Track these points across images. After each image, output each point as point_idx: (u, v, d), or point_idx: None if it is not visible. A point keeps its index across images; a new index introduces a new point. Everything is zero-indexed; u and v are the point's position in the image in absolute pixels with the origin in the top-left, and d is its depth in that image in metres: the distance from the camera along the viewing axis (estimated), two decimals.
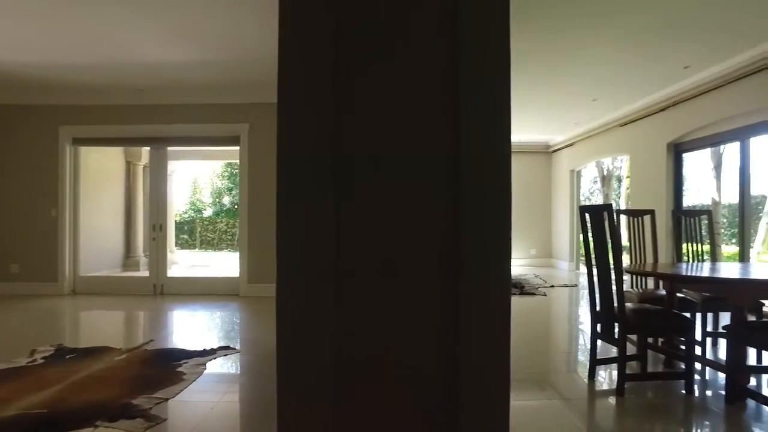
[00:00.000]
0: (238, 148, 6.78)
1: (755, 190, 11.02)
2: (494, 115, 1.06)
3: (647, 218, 4.13)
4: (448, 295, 1.07)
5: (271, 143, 6.13)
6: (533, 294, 6.97)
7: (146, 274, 7.21)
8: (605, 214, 2.91)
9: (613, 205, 13.89)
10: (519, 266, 10.84)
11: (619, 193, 15.39)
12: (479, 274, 1.06)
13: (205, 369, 3.38)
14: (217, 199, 21.65)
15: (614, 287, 2.96)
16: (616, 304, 2.97)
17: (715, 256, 4.11)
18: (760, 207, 10.30)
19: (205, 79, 6.06)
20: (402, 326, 1.07)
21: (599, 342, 3.27)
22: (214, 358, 3.64)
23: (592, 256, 3.14)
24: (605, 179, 11.42)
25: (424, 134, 1.09)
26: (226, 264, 11.13)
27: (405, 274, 1.08)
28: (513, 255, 11.04)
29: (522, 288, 7.39)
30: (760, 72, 5.01)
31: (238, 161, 6.91)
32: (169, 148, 7.21)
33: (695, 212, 4.13)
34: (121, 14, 4.18)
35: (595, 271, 3.14)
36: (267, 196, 6.29)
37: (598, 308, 3.18)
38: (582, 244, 3.63)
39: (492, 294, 1.06)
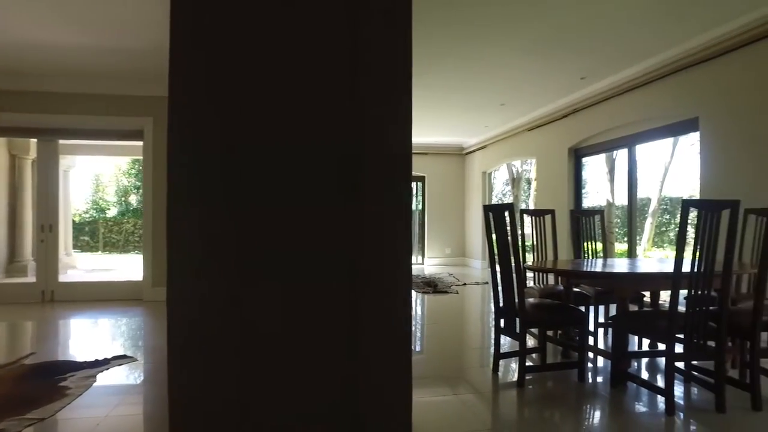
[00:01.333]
0: (141, 143, 6.33)
1: (642, 193, 12.19)
2: (395, 118, 1.05)
3: (549, 218, 4.39)
4: (348, 295, 1.04)
5: None
6: (446, 292, 7.17)
7: (33, 279, 6.52)
8: (506, 214, 3.03)
9: (523, 205, 14.63)
10: (434, 265, 11.13)
11: (529, 194, 16.33)
12: (379, 273, 1.04)
13: (95, 381, 3.10)
14: (123, 198, 20.17)
15: (515, 284, 3.09)
16: (517, 300, 3.11)
17: (607, 253, 4.45)
18: (647, 208, 11.39)
19: (104, 67, 5.59)
20: (301, 331, 1.03)
21: (506, 337, 3.42)
22: (107, 369, 3.35)
23: (496, 254, 3.26)
24: (515, 181, 12.06)
25: (324, 135, 1.05)
26: (132, 267, 10.38)
27: (303, 276, 1.04)
28: (428, 254, 11.37)
29: (435, 287, 7.58)
30: (645, 85, 5.51)
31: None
32: (63, 142, 6.58)
33: (590, 212, 4.44)
34: None
35: (498, 269, 3.27)
36: None
37: (501, 304, 3.31)
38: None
39: (393, 294, 1.05)
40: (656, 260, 4.28)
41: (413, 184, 13.34)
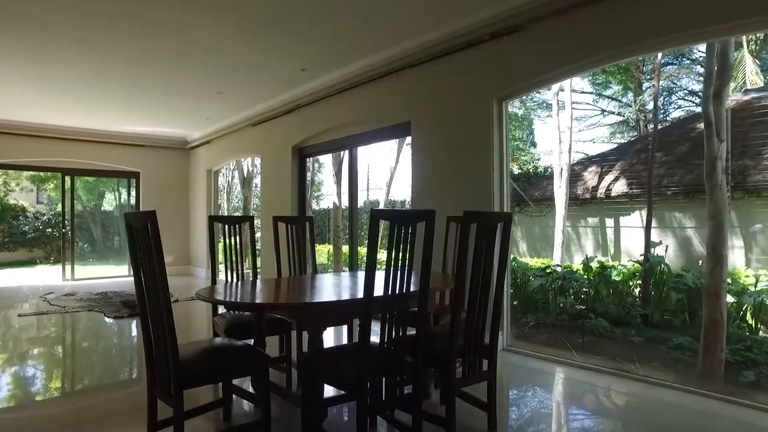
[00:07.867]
0: None
1: (372, 196, 12.68)
2: None
3: (248, 226, 3.56)
4: None
5: None
6: None
7: None
8: (149, 224, 2.02)
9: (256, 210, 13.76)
10: None
11: None
12: None
13: None
14: None
15: (165, 324, 2.10)
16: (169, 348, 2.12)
17: (314, 259, 3.86)
18: None
19: None
20: None
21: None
22: None
23: (142, 277, 2.22)
24: (245, 181, 11.08)
25: None
26: None
27: None
28: None
29: (135, 308, 6.03)
30: (365, 84, 5.22)
31: None
32: None
33: (294, 219, 3.81)
34: None
35: (146, 300, 2.23)
36: None
37: (154, 353, 2.27)
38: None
39: None
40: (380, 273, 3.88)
41: (125, 181, 10.89)
